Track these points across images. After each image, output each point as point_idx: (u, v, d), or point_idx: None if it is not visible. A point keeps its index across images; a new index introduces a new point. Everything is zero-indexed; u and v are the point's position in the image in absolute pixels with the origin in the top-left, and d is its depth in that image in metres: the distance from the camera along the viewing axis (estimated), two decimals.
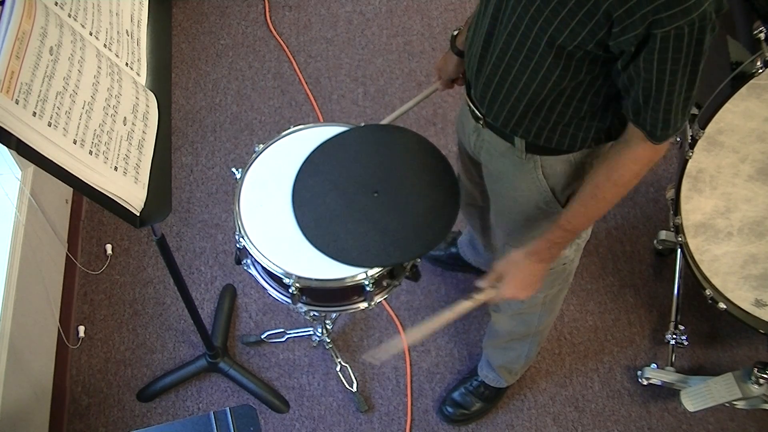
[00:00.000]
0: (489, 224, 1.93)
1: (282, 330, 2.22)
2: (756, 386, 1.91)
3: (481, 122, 1.44)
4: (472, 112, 1.46)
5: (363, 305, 1.57)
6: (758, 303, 1.95)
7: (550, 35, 1.16)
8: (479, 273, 2.30)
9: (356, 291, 1.54)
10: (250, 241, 1.51)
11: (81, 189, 1.19)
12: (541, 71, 1.23)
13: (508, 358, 2.00)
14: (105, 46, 1.32)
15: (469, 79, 1.43)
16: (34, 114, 1.09)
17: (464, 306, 1.49)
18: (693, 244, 1.92)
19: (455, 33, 1.65)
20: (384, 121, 1.78)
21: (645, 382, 2.14)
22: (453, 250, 2.33)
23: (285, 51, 2.81)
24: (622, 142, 1.26)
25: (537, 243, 1.41)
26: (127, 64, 1.37)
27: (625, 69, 1.14)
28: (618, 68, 1.16)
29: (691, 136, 1.72)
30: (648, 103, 1.15)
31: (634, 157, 1.25)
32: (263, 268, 1.53)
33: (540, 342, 1.98)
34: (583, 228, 1.40)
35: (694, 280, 1.98)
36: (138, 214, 1.28)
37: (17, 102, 1.06)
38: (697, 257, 1.94)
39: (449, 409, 2.11)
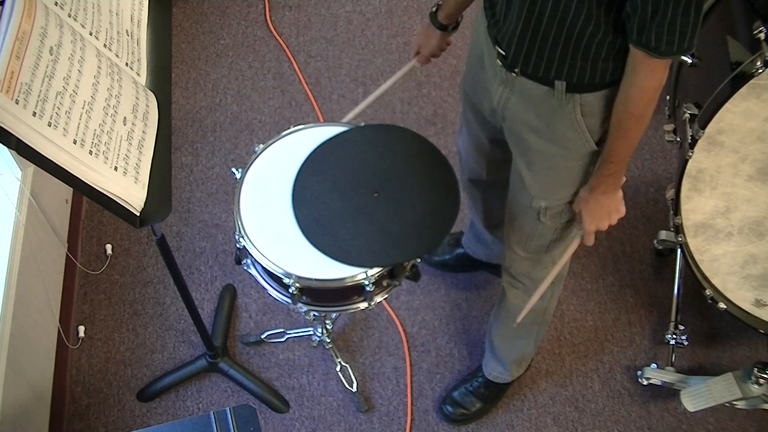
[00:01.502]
0: (491, 204, 1.94)
1: (282, 330, 2.22)
2: (756, 386, 1.91)
3: (516, 71, 1.44)
4: (504, 61, 1.45)
5: (363, 305, 1.57)
6: (758, 303, 1.95)
7: None
8: (490, 269, 2.30)
9: (356, 291, 1.54)
10: (250, 241, 1.51)
11: (81, 189, 1.19)
12: (573, 6, 1.26)
13: (519, 347, 1.99)
14: (105, 46, 1.32)
15: (494, 32, 1.45)
16: (34, 114, 1.09)
17: (573, 248, 1.63)
18: (693, 244, 1.92)
19: (434, 9, 1.70)
20: (362, 105, 1.85)
21: (645, 382, 2.14)
22: (459, 250, 2.32)
23: (285, 51, 2.81)
24: (627, 76, 1.31)
25: (594, 179, 1.49)
26: (127, 64, 1.37)
27: None
28: None
29: (691, 136, 1.72)
30: (654, 18, 1.18)
31: (641, 87, 1.30)
32: (263, 268, 1.53)
33: (547, 321, 1.99)
34: (627, 156, 1.45)
35: (694, 280, 1.98)
36: (138, 214, 1.28)
37: (17, 102, 1.06)
38: (697, 257, 1.94)
39: (449, 408, 2.11)
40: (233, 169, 1.61)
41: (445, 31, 1.72)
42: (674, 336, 2.15)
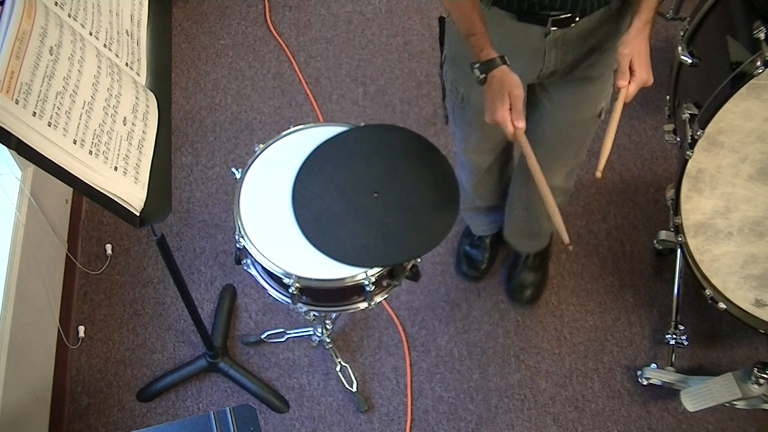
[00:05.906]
0: (509, 162, 2.04)
1: (282, 330, 2.22)
2: (756, 386, 1.91)
3: (578, 19, 1.46)
4: (563, 23, 1.46)
5: (363, 305, 1.57)
6: (758, 303, 1.95)
7: None
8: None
9: (356, 291, 1.54)
10: (250, 241, 1.51)
11: (81, 189, 1.19)
12: None
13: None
14: (105, 46, 1.32)
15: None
16: (34, 114, 1.09)
17: (617, 112, 1.43)
18: (693, 244, 1.92)
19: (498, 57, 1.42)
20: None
21: (645, 382, 2.14)
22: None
23: (285, 51, 2.81)
24: None
25: (639, 22, 1.40)
26: (127, 64, 1.37)
27: None
28: None
29: (691, 136, 1.72)
30: None
31: None
32: (263, 268, 1.53)
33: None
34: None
35: (694, 280, 1.98)
36: (138, 214, 1.29)
37: (17, 102, 1.06)
38: (697, 257, 1.94)
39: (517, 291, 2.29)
40: (233, 169, 1.61)
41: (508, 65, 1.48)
42: (674, 336, 2.15)
